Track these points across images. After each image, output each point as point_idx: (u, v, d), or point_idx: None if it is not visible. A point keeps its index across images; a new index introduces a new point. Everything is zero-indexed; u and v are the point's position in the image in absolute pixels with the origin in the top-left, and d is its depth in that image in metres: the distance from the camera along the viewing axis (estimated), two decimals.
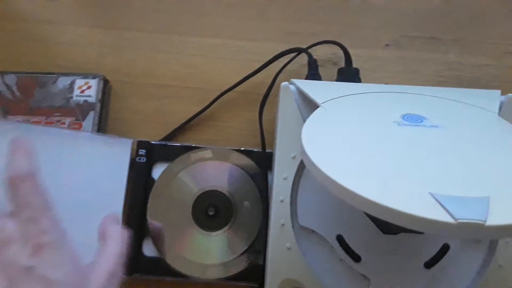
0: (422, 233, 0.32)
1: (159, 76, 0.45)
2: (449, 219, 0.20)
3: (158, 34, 0.46)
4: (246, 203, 0.39)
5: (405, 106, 0.32)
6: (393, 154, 0.26)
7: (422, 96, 0.34)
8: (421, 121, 0.30)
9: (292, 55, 0.42)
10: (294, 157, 0.35)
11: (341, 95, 0.33)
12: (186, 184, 0.40)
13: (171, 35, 0.45)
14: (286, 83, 0.36)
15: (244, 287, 0.38)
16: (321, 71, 0.43)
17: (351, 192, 0.22)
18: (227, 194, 0.40)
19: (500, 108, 0.35)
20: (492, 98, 0.34)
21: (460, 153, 0.26)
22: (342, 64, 0.42)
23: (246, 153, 0.41)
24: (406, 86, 0.36)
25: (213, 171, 0.40)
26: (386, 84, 0.43)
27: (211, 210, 0.39)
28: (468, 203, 0.20)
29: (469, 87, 0.42)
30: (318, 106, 0.32)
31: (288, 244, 0.33)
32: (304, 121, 0.33)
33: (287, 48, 0.42)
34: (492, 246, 0.33)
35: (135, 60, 0.45)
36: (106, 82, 0.43)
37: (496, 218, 0.20)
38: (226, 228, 0.39)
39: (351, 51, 0.43)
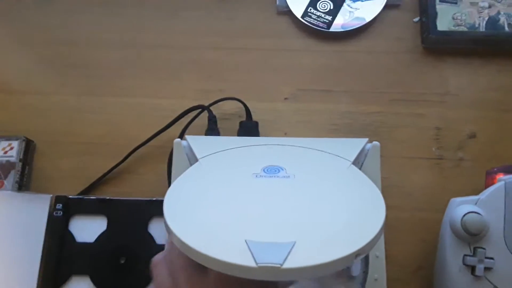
0: None
1: (80, 134, 0.49)
2: (252, 264, 0.23)
3: (81, 96, 0.50)
4: None
5: (269, 158, 0.36)
6: (235, 206, 0.29)
7: (289, 147, 0.38)
8: (278, 172, 0.34)
9: (198, 111, 0.47)
10: None
11: (221, 150, 0.37)
12: None
13: (92, 97, 0.50)
14: (178, 139, 0.40)
15: None
16: (228, 124, 0.48)
17: (186, 244, 0.25)
18: None
19: (366, 155, 0.39)
20: (356, 146, 0.38)
21: (296, 202, 0.30)
22: None
23: (160, 203, 0.44)
24: (284, 138, 0.41)
25: None
26: (284, 134, 0.48)
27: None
28: (271, 248, 0.24)
29: (359, 134, 0.47)
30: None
31: None
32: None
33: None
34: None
35: (59, 120, 0.49)
36: (29, 142, 0.47)
37: (292, 261, 0.23)
38: None
39: (254, 105, 0.48)
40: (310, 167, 0.35)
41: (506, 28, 0.47)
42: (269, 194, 0.31)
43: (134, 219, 0.44)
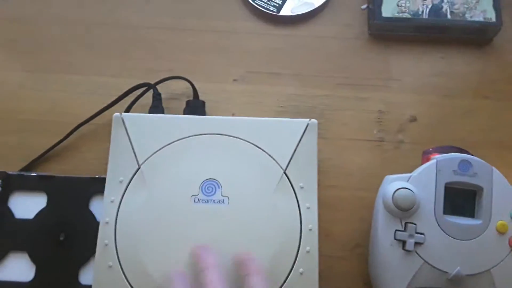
0: None
1: (23, 111, 0.48)
2: None
3: (23, 72, 0.49)
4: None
5: (207, 168, 0.39)
6: (173, 251, 0.36)
7: (228, 143, 0.40)
8: (214, 193, 0.37)
9: (144, 89, 0.47)
10: (121, 181, 0.38)
11: (159, 147, 0.39)
12: None
13: (36, 73, 0.49)
14: (118, 114, 0.40)
15: None
16: (176, 103, 0.48)
17: None
18: None
19: (303, 133, 0.40)
20: (297, 128, 0.40)
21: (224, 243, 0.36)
22: None
23: (102, 180, 0.44)
24: (229, 118, 0.41)
25: None
26: (232, 115, 0.48)
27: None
28: None
29: (305, 116, 0.47)
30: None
31: (110, 263, 0.36)
32: (133, 149, 0.37)
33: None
34: None
35: (2, 97, 0.48)
36: None
37: None
38: None
39: (202, 86, 0.48)
40: (243, 184, 0.38)
41: (449, 16, 0.49)
42: (202, 234, 0.36)
43: (74, 196, 0.44)
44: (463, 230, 0.38)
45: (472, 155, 0.41)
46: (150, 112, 0.44)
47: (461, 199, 0.40)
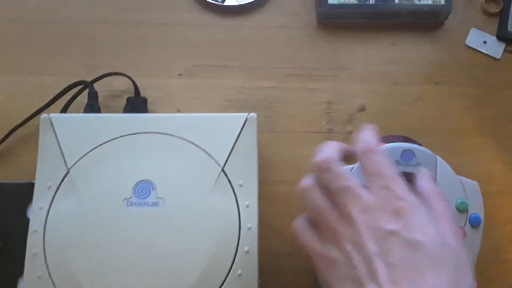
0: None
1: None
2: None
3: None
4: None
5: (139, 169, 0.37)
6: (104, 260, 0.34)
7: (161, 141, 0.38)
8: (147, 195, 0.35)
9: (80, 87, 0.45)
10: (50, 187, 0.36)
11: (90, 149, 0.37)
12: None
13: None
14: (46, 115, 0.38)
15: None
16: (116, 101, 0.46)
17: None
18: None
19: (242, 127, 0.38)
20: (235, 124, 0.38)
21: (162, 249, 0.34)
22: None
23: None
24: (166, 115, 0.40)
25: None
26: (178, 111, 0.47)
27: None
28: None
29: (253, 109, 0.46)
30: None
31: (39, 273, 0.34)
32: (62, 152, 0.36)
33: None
34: None
35: None
36: None
37: None
38: None
39: (145, 82, 0.46)
40: (179, 184, 0.36)
41: (396, 1, 0.48)
42: (135, 239, 0.35)
43: (11, 203, 0.41)
44: None
45: (420, 143, 0.40)
46: (84, 112, 0.42)
47: None
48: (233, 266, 0.34)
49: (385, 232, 0.26)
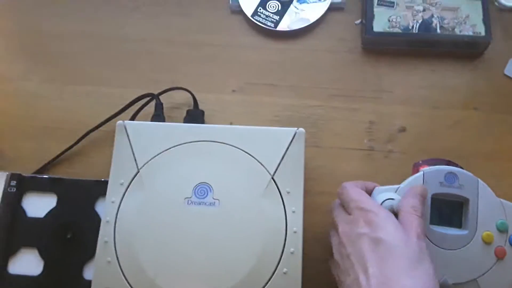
0: None
1: (37, 119, 0.52)
2: None
3: (42, 83, 0.54)
4: None
5: (200, 173, 0.41)
6: (165, 254, 0.39)
7: (220, 150, 0.42)
8: (206, 196, 0.40)
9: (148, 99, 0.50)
10: (122, 184, 0.41)
11: (158, 153, 0.42)
12: None
13: (51, 84, 0.54)
14: (121, 122, 0.44)
15: None
16: (176, 112, 0.52)
17: None
18: None
19: (291, 141, 0.42)
20: (285, 137, 0.42)
21: (213, 248, 0.39)
22: None
23: (107, 183, 0.47)
24: (223, 127, 0.45)
25: None
26: (230, 123, 0.51)
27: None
28: None
29: (299, 125, 0.49)
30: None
31: (109, 259, 0.39)
32: (133, 154, 0.41)
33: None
34: None
35: (19, 105, 0.53)
36: None
37: None
38: None
39: (203, 96, 0.51)
40: (233, 188, 0.41)
41: (438, 30, 0.51)
42: (194, 234, 0.39)
43: (82, 198, 0.47)
44: (449, 240, 0.39)
45: (461, 167, 0.42)
46: (152, 120, 0.48)
47: (447, 210, 0.41)
48: (279, 265, 0.38)
49: (357, 234, 0.35)
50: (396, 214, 0.37)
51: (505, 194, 0.42)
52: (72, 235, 0.46)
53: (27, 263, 0.45)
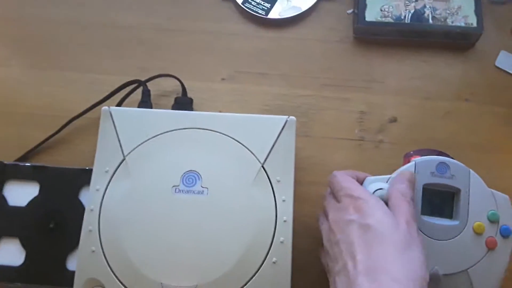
0: None
1: (21, 105, 0.50)
2: None
3: (26, 69, 0.52)
4: None
5: (188, 160, 0.40)
6: (154, 242, 0.38)
7: (207, 138, 0.42)
8: (194, 184, 0.39)
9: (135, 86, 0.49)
10: (107, 171, 0.40)
11: (144, 140, 0.41)
12: None
13: (36, 70, 0.52)
14: (106, 107, 0.42)
15: None
16: (164, 100, 0.51)
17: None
18: None
19: (282, 129, 0.42)
20: (275, 125, 0.42)
21: (205, 233, 0.38)
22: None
23: (92, 172, 0.46)
24: (211, 114, 0.43)
25: None
26: (219, 112, 0.50)
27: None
28: None
29: (289, 114, 0.49)
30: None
31: (93, 248, 0.38)
32: (119, 141, 0.40)
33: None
34: None
35: (3, 91, 0.51)
36: None
37: None
38: None
39: (192, 84, 0.50)
40: (222, 176, 0.40)
41: (430, 21, 0.51)
42: (182, 222, 0.38)
43: (65, 187, 0.46)
44: (440, 231, 0.39)
45: (452, 157, 0.42)
46: (139, 107, 0.47)
47: (438, 201, 0.40)
48: (268, 254, 0.37)
49: (346, 221, 0.34)
50: (386, 203, 0.37)
51: (495, 185, 0.42)
52: (55, 225, 0.44)
53: (8, 253, 0.43)
